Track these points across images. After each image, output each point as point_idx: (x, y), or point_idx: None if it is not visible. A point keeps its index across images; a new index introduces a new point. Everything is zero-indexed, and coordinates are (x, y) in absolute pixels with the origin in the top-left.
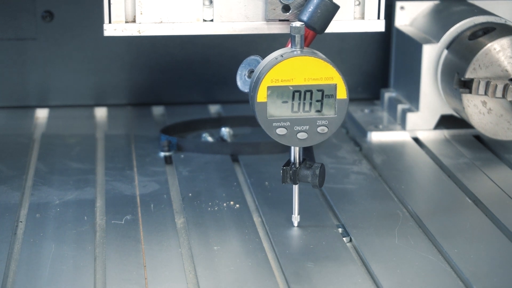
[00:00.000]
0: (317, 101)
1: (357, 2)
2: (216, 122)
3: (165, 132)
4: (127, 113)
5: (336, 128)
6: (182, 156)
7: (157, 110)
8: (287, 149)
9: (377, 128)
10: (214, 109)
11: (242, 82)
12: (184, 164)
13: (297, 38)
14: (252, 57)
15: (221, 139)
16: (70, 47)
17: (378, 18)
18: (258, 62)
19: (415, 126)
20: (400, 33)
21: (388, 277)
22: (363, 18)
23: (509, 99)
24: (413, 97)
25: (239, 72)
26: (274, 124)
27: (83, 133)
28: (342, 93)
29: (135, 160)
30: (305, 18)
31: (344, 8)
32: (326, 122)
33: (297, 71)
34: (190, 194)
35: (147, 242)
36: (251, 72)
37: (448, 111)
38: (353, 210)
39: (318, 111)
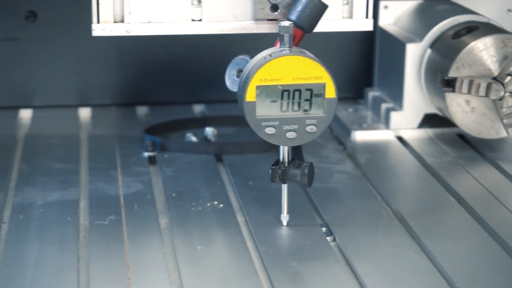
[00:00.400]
0: (306, 100)
1: (345, 1)
2: (200, 122)
3: (149, 132)
4: (111, 113)
5: (325, 127)
6: (166, 156)
7: (141, 110)
8: (271, 148)
9: (361, 127)
10: (198, 109)
11: (230, 81)
12: (168, 164)
13: (286, 38)
14: (241, 56)
15: (205, 139)
16: (53, 48)
17: (367, 17)
18: (247, 62)
19: (399, 125)
20: (383, 32)
21: (372, 276)
22: (351, 17)
23: (492, 97)
24: (397, 96)
25: (227, 71)
26: (263, 123)
27: (67, 133)
28: (331, 92)
29: (119, 160)
30: (293, 17)
31: (333, 7)
32: (315, 121)
33: (286, 71)
34: (174, 194)
35: (130, 243)
36: (239, 71)
37: (432, 110)
38: (337, 209)
39: (307, 110)
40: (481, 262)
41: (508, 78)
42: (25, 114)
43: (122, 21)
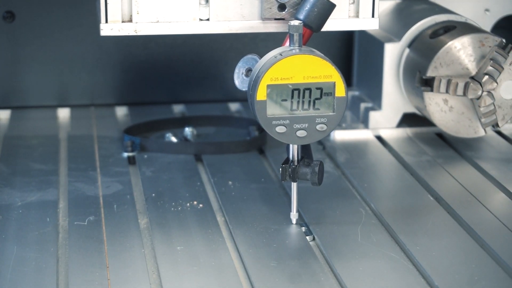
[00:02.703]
0: (316, 99)
1: (351, 1)
2: (180, 122)
3: (128, 133)
4: (90, 114)
5: (335, 125)
6: (146, 156)
7: (121, 111)
8: (251, 148)
9: (340, 127)
10: (177, 109)
11: (240, 80)
12: (147, 164)
13: (296, 37)
14: (250, 55)
15: (185, 139)
16: (32, 48)
17: (373, 16)
18: (256, 61)
19: (378, 125)
20: (362, 32)
21: (351, 275)
22: (357, 16)
23: (470, 97)
24: (376, 96)
25: (236, 70)
26: (274, 122)
27: (46, 134)
28: (340, 91)
29: (98, 161)
30: (301, 16)
31: (339, 6)
32: (325, 120)
33: (296, 70)
34: (153, 194)
35: (110, 243)
36: (248, 70)
37: (411, 109)
38: (316, 208)
39: (317, 109)
40: (459, 260)
41: (486, 77)
42: (4, 115)
43: (130, 20)
